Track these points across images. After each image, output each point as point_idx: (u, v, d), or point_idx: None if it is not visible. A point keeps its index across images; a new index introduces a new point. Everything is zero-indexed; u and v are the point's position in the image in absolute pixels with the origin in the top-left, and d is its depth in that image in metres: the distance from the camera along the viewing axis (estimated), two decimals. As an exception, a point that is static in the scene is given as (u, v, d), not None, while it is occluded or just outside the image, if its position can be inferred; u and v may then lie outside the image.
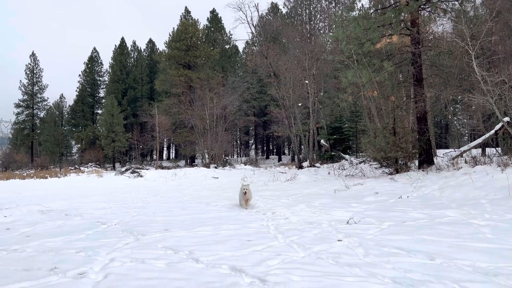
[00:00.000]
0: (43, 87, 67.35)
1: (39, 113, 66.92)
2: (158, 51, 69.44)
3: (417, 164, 18.45)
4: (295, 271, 4.84)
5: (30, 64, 67.37)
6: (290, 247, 6.29)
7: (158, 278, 4.69)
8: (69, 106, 68.50)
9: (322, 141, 33.85)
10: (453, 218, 8.42)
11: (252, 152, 69.62)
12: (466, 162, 16.67)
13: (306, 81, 30.81)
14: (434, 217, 8.61)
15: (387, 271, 4.74)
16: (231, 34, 65.57)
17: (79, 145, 62.95)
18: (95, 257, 5.76)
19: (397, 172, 17.60)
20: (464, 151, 19.09)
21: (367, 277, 4.55)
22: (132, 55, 72.87)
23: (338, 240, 6.64)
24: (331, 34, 35.34)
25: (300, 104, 32.21)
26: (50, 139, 59.06)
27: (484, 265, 4.81)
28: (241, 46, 74.80)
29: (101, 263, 5.44)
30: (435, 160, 18.53)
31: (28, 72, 66.90)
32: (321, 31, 49.81)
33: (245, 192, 10.54)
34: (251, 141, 70.70)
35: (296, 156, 35.64)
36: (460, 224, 7.72)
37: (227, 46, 66.30)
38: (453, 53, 16.74)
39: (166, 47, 56.28)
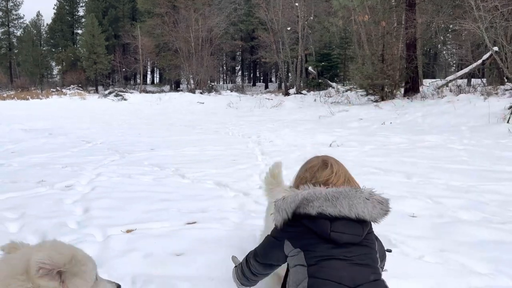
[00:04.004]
0: (18, 3, 63.23)
1: (15, 31, 63.50)
2: (140, -34, 64.79)
3: (402, 92, 18.54)
4: (278, 186, 5.01)
5: (2, -23, 62.60)
6: (273, 166, 6.45)
7: (145, 191, 4.82)
8: (47, 25, 64.99)
9: (309, 68, 33.36)
10: (433, 142, 8.69)
11: (239, 79, 68.59)
12: (451, 91, 16.82)
13: (296, 4, 29.56)
14: (414, 141, 8.86)
15: (365, 187, 4.94)
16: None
17: (59, 67, 60.74)
18: (81, 172, 5.83)
19: (383, 99, 17.71)
20: (450, 81, 19.16)
21: (347, 192, 4.75)
22: (112, -30, 68.00)
23: (321, 161, 6.82)
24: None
25: (289, 29, 31.19)
26: (29, 59, 56.74)
27: (457, 184, 5.05)
28: (228, -36, 70.23)
29: (88, 177, 5.53)
30: (420, 88, 18.61)
31: (0, -14, 62.38)
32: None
33: None
34: (238, 67, 69.36)
35: (283, 83, 35.32)
36: (439, 148, 7.99)
37: (214, -37, 62.14)
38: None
39: (148, -39, 52.43)
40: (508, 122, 9.92)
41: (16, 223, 3.60)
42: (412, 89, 17.92)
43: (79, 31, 62.98)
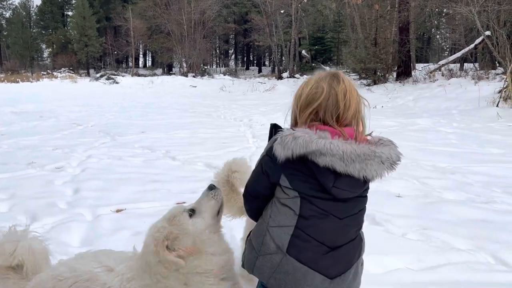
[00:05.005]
0: (5, -16, 61.86)
1: (4, 12, 62.27)
2: None
3: (395, 76, 18.57)
4: (267, 168, 5.06)
5: (-12, -44, 60.96)
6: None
7: (135, 173, 4.85)
8: (37, 6, 63.73)
9: (303, 51, 33.21)
10: (423, 126, 8.77)
11: (232, 63, 68.06)
12: (443, 75, 16.89)
13: (290, -14, 29.27)
14: (405, 125, 8.94)
15: (354, 169, 5.01)
16: None
17: (50, 49, 59.84)
18: (72, 154, 5.84)
19: (375, 83, 17.74)
20: (443, 65, 19.20)
21: (335, 174, 4.81)
22: (102, -50, 66.39)
23: (311, 143, 6.86)
24: None
25: (282, 11, 30.92)
26: (19, 42, 55.77)
27: (444, 165, 5.13)
28: None
29: (78, 159, 5.54)
30: (413, 72, 18.66)
31: (-14, -34, 60.80)
32: None
33: None
34: (231, 51, 68.76)
35: (276, 67, 35.17)
36: (428, 131, 8.08)
37: None
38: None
39: None
40: (497, 106, 10.02)
41: (6, 203, 3.62)
42: (404, 73, 17.95)
43: (70, 13, 61.84)
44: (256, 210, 1.73)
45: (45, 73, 41.93)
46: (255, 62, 67.15)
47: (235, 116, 11.23)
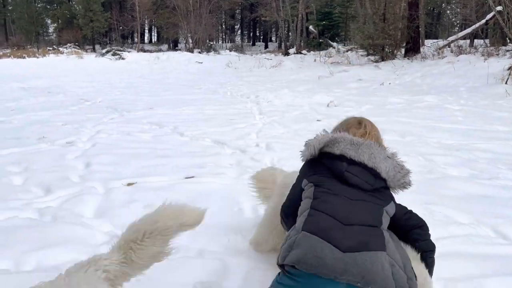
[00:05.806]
0: (8, -43, 60.94)
1: (8, -13, 61.68)
2: None
3: (403, 52, 18.32)
4: (274, 144, 5.13)
5: None
6: (271, 125, 6.55)
7: (144, 148, 4.93)
8: (40, -20, 62.98)
9: (310, 27, 32.69)
10: (430, 103, 8.74)
11: (238, 38, 67.25)
12: (452, 51, 16.64)
13: (297, -40, 28.60)
14: (412, 102, 8.92)
15: (360, 145, 5.06)
16: None
17: (55, 25, 59.42)
18: (81, 129, 5.93)
19: (383, 60, 17.53)
20: (452, 41, 18.88)
21: (341, 150, 4.87)
22: None
23: (317, 120, 6.91)
24: None
25: (289, -14, 30.31)
26: (23, 17, 55.34)
27: (449, 142, 5.16)
28: None
29: (88, 134, 5.63)
30: (421, 49, 18.38)
31: None
32: None
33: None
34: (237, 26, 67.86)
35: (283, 43, 34.75)
36: (435, 108, 8.07)
37: None
38: None
39: None
40: (506, 83, 9.92)
41: (20, 176, 3.73)
42: (412, 50, 17.69)
43: (74, -13, 61.03)
44: None
45: (51, 48, 41.77)
46: (261, 37, 66.32)
47: (242, 93, 11.23)
